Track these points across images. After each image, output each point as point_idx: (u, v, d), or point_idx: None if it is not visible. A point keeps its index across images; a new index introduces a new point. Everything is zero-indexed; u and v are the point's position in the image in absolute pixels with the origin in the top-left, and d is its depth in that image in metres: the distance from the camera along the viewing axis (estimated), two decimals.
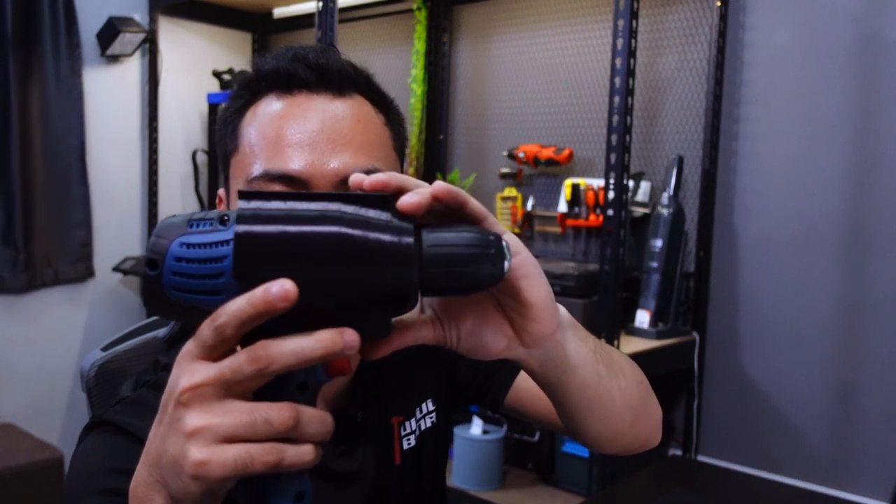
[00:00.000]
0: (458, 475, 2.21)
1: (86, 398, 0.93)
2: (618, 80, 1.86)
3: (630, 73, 1.85)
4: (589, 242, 2.42)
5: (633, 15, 1.84)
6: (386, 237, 0.42)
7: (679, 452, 2.23)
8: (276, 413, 0.41)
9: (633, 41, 1.84)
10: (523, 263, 0.50)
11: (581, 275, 2.13)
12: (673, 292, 2.13)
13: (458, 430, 2.21)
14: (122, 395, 0.72)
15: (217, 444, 0.41)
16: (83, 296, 2.91)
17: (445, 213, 0.46)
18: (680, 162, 2.15)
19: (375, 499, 0.76)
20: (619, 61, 1.85)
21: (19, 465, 2.27)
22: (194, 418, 0.41)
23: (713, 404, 2.20)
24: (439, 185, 0.46)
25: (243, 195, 0.43)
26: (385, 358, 0.81)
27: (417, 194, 0.44)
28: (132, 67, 3.03)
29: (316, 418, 0.42)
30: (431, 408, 0.85)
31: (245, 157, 0.68)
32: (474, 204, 0.47)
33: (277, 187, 0.65)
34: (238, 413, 0.41)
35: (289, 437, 0.41)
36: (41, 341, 2.81)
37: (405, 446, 0.80)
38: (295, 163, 0.66)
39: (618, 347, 1.89)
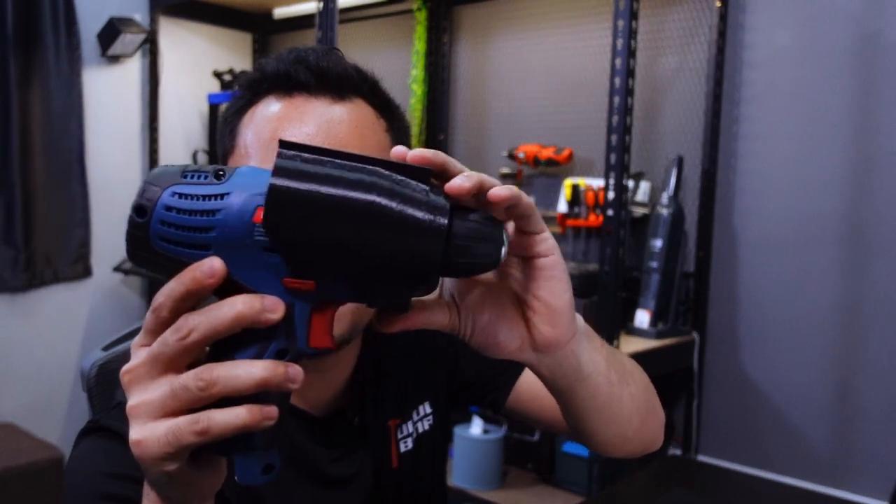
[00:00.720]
0: (458, 475, 2.21)
1: (86, 398, 0.93)
2: (618, 81, 1.86)
3: (630, 73, 1.85)
4: (589, 242, 2.42)
5: (633, 15, 1.84)
6: (420, 214, 0.41)
7: (679, 452, 2.23)
8: (192, 376, 0.40)
9: (632, 41, 1.85)
10: (554, 265, 0.50)
11: (581, 275, 2.13)
12: (673, 292, 2.13)
13: (458, 430, 2.22)
14: (119, 400, 0.72)
15: (150, 421, 0.41)
16: (83, 295, 2.91)
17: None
18: (680, 162, 2.15)
19: (373, 502, 0.76)
20: (618, 61, 1.85)
21: (19, 464, 2.27)
22: (131, 399, 0.42)
23: (713, 404, 2.20)
24: (492, 183, 0.46)
25: (284, 144, 0.42)
26: (383, 360, 0.81)
27: (467, 179, 0.44)
28: (132, 68, 3.03)
29: (239, 369, 0.40)
30: (429, 410, 0.85)
31: (240, 158, 0.69)
32: (526, 203, 0.47)
33: None
34: (159, 386, 0.41)
35: (221, 400, 0.40)
36: (41, 341, 2.81)
37: (402, 449, 0.80)
38: None
39: (618, 347, 1.89)
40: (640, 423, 0.69)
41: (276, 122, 0.68)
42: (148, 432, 0.40)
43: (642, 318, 2.11)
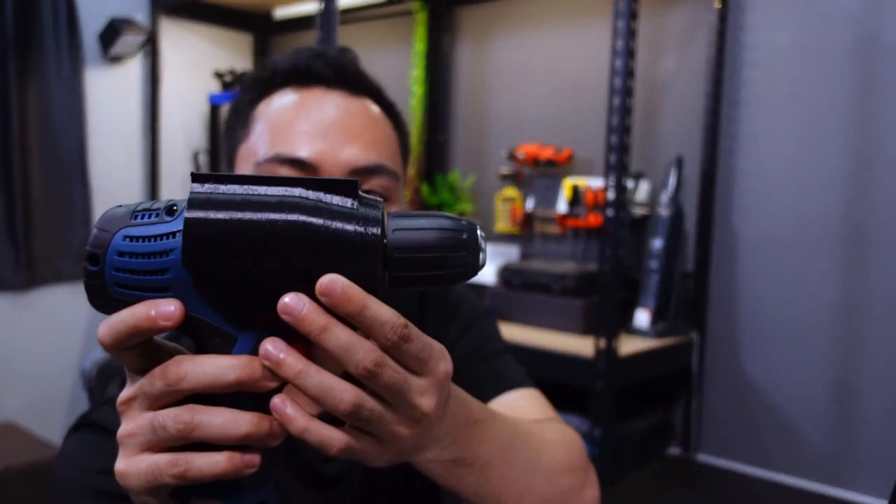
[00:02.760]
0: None
1: (87, 397, 0.93)
2: (617, 81, 1.86)
3: (630, 73, 1.86)
4: (589, 242, 2.42)
5: (633, 16, 1.84)
6: (349, 227, 0.39)
7: (679, 452, 2.23)
8: (172, 417, 0.39)
9: (632, 42, 1.85)
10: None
11: (581, 275, 2.13)
12: (672, 292, 2.14)
13: None
14: (109, 395, 0.72)
15: (137, 453, 0.41)
16: (84, 295, 2.91)
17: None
18: (679, 162, 2.15)
19: (365, 501, 0.76)
20: (618, 62, 1.86)
21: (21, 464, 2.28)
22: (121, 427, 0.42)
23: (713, 404, 2.20)
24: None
25: (196, 178, 0.39)
26: None
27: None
28: (133, 68, 3.03)
29: (221, 419, 0.39)
30: None
31: (255, 143, 0.69)
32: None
33: (285, 171, 0.66)
34: (144, 419, 0.40)
35: (203, 442, 0.39)
36: (42, 340, 2.81)
37: None
38: (306, 148, 0.66)
39: (617, 348, 1.89)
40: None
41: (294, 108, 0.69)
42: (132, 465, 0.40)
43: (642, 318, 2.12)
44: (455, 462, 0.52)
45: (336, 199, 0.39)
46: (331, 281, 0.38)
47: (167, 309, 0.39)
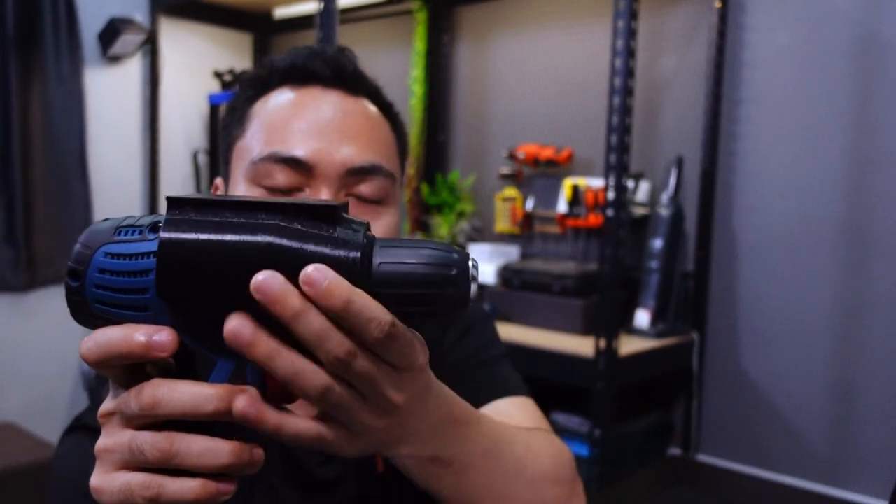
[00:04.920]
0: None
1: (87, 397, 0.93)
2: (617, 81, 1.86)
3: (630, 73, 1.85)
4: (589, 242, 2.42)
5: (633, 15, 1.84)
6: (327, 250, 0.37)
7: (679, 452, 2.23)
8: (150, 443, 0.39)
9: (632, 41, 1.85)
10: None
11: (581, 275, 2.13)
12: (672, 292, 2.13)
13: None
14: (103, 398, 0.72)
15: (113, 471, 0.40)
16: None
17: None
18: (679, 162, 2.15)
19: None
20: (618, 62, 1.86)
21: (21, 464, 2.28)
22: (100, 440, 0.41)
23: (713, 404, 2.20)
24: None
25: (173, 202, 0.38)
26: None
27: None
28: (133, 68, 3.03)
29: (200, 448, 0.38)
30: None
31: (251, 141, 0.69)
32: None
33: (281, 171, 0.66)
34: (123, 437, 0.40)
35: (182, 467, 0.39)
36: (43, 340, 2.81)
37: None
38: (302, 147, 0.66)
39: (617, 348, 1.89)
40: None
41: (291, 107, 0.69)
42: (106, 482, 0.40)
43: (642, 317, 2.12)
44: (432, 461, 0.51)
45: (315, 224, 0.38)
46: (316, 269, 0.37)
47: (161, 339, 0.38)
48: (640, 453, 2.13)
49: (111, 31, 2.83)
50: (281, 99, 0.70)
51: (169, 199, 0.39)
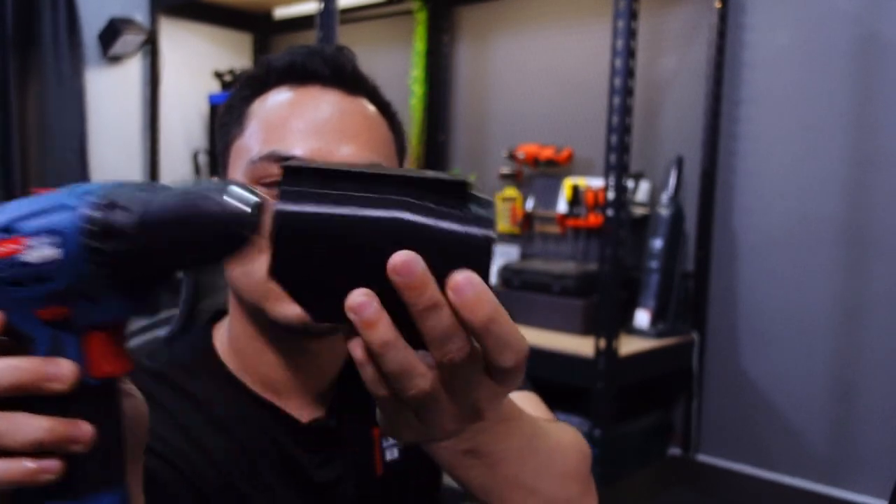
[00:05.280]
0: None
1: None
2: (617, 81, 1.86)
3: (630, 73, 1.86)
4: (589, 242, 2.42)
5: (633, 15, 1.84)
6: (460, 228, 0.36)
7: (679, 452, 2.23)
8: None
9: (632, 42, 1.85)
10: None
11: (581, 275, 2.13)
12: (672, 292, 2.14)
13: None
14: None
15: None
16: None
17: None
18: (679, 162, 2.15)
19: None
20: (618, 62, 1.86)
21: None
22: None
23: (713, 404, 2.20)
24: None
25: (289, 169, 0.37)
26: None
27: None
28: (133, 68, 3.03)
29: (14, 425, 0.38)
30: None
31: (249, 140, 0.69)
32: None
33: (279, 170, 0.65)
34: None
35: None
36: None
37: (388, 457, 0.77)
38: (301, 147, 0.66)
39: (617, 348, 1.90)
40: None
41: (290, 106, 0.68)
42: None
43: (642, 317, 2.12)
44: (467, 452, 0.50)
45: (442, 201, 0.36)
46: (466, 278, 0.35)
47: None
48: (640, 453, 2.13)
49: (111, 32, 2.83)
50: (279, 98, 0.69)
51: (286, 167, 0.37)
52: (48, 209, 0.39)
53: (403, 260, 0.34)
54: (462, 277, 0.35)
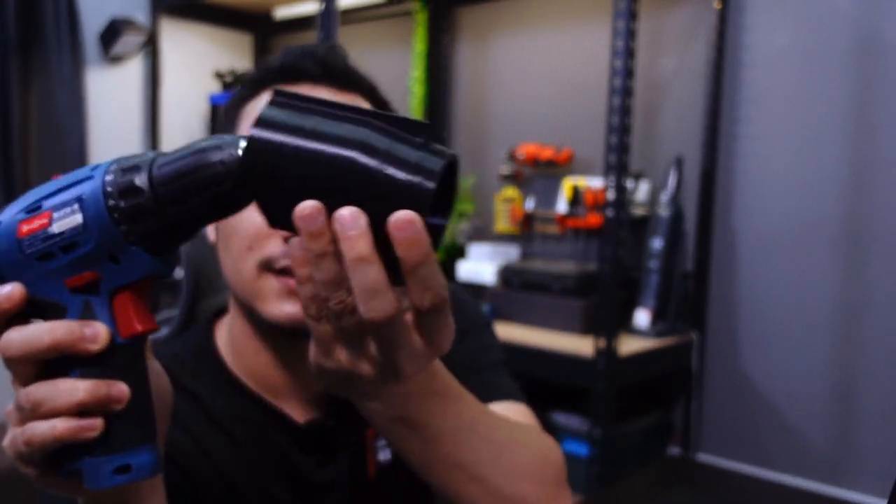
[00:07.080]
0: None
1: None
2: (617, 81, 1.86)
3: (630, 73, 1.86)
4: (589, 242, 2.42)
5: (633, 16, 1.84)
6: (401, 175, 0.39)
7: (679, 452, 2.23)
8: (23, 395, 0.42)
9: (632, 42, 1.85)
10: None
11: (581, 275, 2.14)
12: (672, 292, 2.14)
13: None
14: None
15: (11, 427, 0.43)
16: None
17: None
18: (679, 162, 2.15)
19: None
20: (618, 62, 1.86)
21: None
22: (9, 406, 0.44)
23: (713, 404, 2.20)
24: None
25: (279, 93, 0.41)
26: None
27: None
28: (134, 68, 3.03)
29: (58, 390, 0.41)
30: None
31: None
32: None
33: None
34: (16, 400, 0.43)
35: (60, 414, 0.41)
36: None
37: (381, 459, 0.78)
38: None
39: (617, 348, 1.90)
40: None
41: None
42: (7, 438, 0.43)
43: (642, 317, 2.12)
44: (398, 420, 0.51)
45: (406, 141, 0.40)
46: (410, 217, 0.38)
47: (8, 291, 0.42)
48: (640, 453, 2.13)
49: (112, 32, 2.84)
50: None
51: (276, 91, 0.41)
52: (71, 184, 0.43)
53: (406, 218, 0.38)
54: (405, 216, 0.38)
